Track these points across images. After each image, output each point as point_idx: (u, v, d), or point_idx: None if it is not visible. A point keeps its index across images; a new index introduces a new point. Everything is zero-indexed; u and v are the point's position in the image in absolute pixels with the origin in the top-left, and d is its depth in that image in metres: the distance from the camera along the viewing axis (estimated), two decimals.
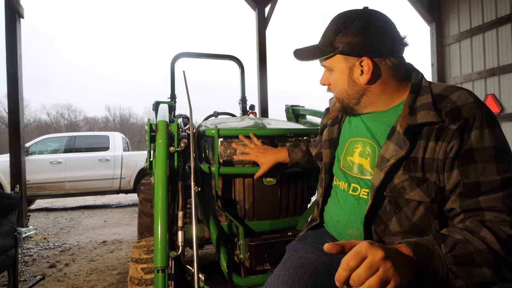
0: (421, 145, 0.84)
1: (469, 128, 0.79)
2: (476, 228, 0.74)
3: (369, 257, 0.63)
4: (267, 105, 5.46)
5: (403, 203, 0.87)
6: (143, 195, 2.97)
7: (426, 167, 0.84)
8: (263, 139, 1.63)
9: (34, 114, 31.58)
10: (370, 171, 0.95)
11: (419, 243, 0.71)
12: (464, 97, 0.83)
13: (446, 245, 0.70)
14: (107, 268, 3.12)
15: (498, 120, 4.88)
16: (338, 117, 1.12)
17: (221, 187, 1.61)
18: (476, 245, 0.71)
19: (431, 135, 0.83)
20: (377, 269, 0.62)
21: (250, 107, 3.27)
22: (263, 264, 1.50)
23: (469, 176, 0.78)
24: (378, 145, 0.94)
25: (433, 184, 0.83)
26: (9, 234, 1.89)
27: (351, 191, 0.99)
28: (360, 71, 0.91)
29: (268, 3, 5.54)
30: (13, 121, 4.37)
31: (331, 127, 1.12)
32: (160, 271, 1.22)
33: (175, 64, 3.11)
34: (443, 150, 0.81)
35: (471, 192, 0.78)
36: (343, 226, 1.00)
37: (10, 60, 4.33)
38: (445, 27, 6.47)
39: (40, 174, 6.10)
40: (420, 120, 0.83)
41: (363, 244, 0.64)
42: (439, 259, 0.69)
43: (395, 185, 0.87)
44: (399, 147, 0.86)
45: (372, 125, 0.98)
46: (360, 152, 0.99)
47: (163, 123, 1.49)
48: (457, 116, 0.81)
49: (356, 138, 1.02)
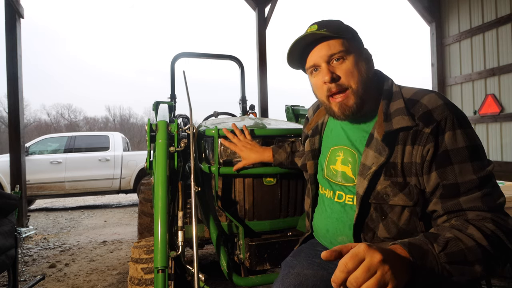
0: (399, 150, 0.86)
1: (442, 130, 0.81)
2: (463, 226, 0.76)
3: (367, 259, 0.62)
4: (267, 105, 5.46)
5: (388, 209, 0.88)
6: (143, 195, 2.97)
7: (406, 171, 0.85)
8: (263, 139, 1.63)
9: (34, 114, 31.58)
10: (353, 178, 0.96)
11: (413, 243, 0.71)
12: (434, 100, 0.85)
13: (439, 244, 0.72)
14: (107, 268, 3.12)
15: (498, 120, 4.85)
16: (318, 127, 1.12)
17: (221, 187, 1.61)
18: (466, 242, 0.72)
19: (407, 139, 0.85)
20: (375, 271, 0.62)
21: (250, 107, 3.27)
22: (263, 264, 1.50)
23: (447, 178, 0.80)
24: (358, 152, 0.95)
25: (414, 188, 0.84)
26: (9, 234, 1.89)
27: (336, 199, 1.00)
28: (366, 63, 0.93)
29: (268, 3, 5.54)
30: (13, 121, 4.37)
31: (312, 138, 1.12)
32: (160, 271, 1.22)
33: (175, 64, 3.11)
34: (420, 153, 0.83)
35: (451, 193, 0.80)
36: (332, 234, 1.00)
37: (10, 60, 4.34)
38: (445, 27, 6.47)
39: (40, 174, 6.10)
40: (396, 126, 0.85)
41: (361, 246, 0.64)
42: (433, 258, 0.70)
43: (378, 191, 0.88)
44: (378, 153, 0.87)
45: (351, 132, 0.99)
46: (342, 160, 0.99)
47: (163, 123, 1.49)
48: (430, 119, 0.83)
49: (337, 146, 1.02)
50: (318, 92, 0.97)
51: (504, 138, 5.45)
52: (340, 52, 0.90)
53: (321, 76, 0.93)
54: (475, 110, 5.85)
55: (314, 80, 0.97)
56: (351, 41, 0.92)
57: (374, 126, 0.91)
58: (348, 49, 0.90)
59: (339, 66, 0.91)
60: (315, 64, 0.94)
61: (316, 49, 0.93)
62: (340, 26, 0.93)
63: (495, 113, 5.51)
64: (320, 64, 0.92)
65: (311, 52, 0.94)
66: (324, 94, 0.94)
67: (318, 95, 0.99)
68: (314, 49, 0.93)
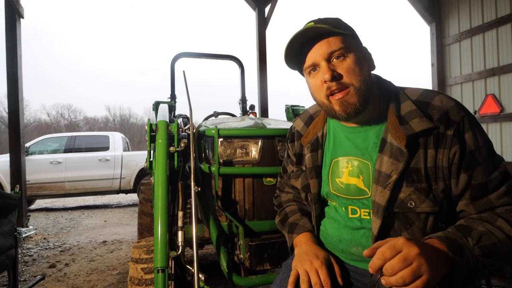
0: (421, 155, 0.82)
1: (462, 132, 0.81)
2: (491, 218, 0.77)
3: (405, 250, 0.66)
4: (267, 105, 5.46)
5: (414, 217, 0.84)
6: (143, 195, 2.97)
7: (431, 176, 0.82)
8: (263, 139, 1.63)
9: (34, 114, 31.63)
10: (366, 190, 0.90)
11: (449, 237, 0.73)
12: (446, 101, 0.84)
13: (473, 238, 0.73)
14: (107, 268, 3.12)
15: (498, 120, 4.85)
16: (318, 140, 1.01)
17: (221, 187, 1.61)
18: (497, 235, 0.74)
19: (429, 143, 0.82)
20: (411, 262, 0.65)
21: (250, 107, 3.27)
22: (263, 264, 1.50)
23: (476, 178, 0.80)
24: (371, 161, 0.89)
25: (439, 193, 0.82)
26: (9, 234, 1.88)
27: (350, 215, 0.94)
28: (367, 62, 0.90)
29: (268, 3, 5.54)
30: (13, 121, 4.37)
31: (314, 153, 1.00)
32: (160, 271, 1.22)
33: (175, 64, 3.11)
34: (446, 157, 0.81)
35: (482, 192, 0.80)
36: (346, 245, 0.94)
37: (10, 60, 4.33)
38: (445, 27, 6.47)
39: (40, 174, 6.10)
40: (418, 128, 0.81)
41: (400, 239, 0.67)
42: (468, 251, 0.72)
43: (402, 200, 0.83)
44: (395, 159, 0.83)
45: (359, 140, 0.92)
46: (350, 171, 0.92)
47: (163, 123, 1.49)
48: (448, 121, 0.81)
49: (342, 158, 0.95)
50: (317, 93, 0.89)
51: (504, 138, 5.45)
52: (341, 49, 0.84)
53: (320, 75, 0.86)
54: (475, 110, 5.85)
55: (312, 81, 0.89)
56: (351, 39, 0.87)
57: (385, 130, 0.87)
58: (349, 46, 0.85)
59: (340, 64, 0.85)
60: (314, 62, 0.87)
61: (315, 46, 0.86)
62: (340, 22, 0.88)
63: (495, 113, 5.51)
64: (320, 63, 0.86)
65: (310, 50, 0.87)
66: (323, 94, 0.87)
67: (317, 97, 0.91)
68: (313, 47, 0.86)
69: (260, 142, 1.62)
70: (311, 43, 0.87)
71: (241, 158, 1.62)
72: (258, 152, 1.62)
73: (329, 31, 0.85)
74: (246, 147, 1.62)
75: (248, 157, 1.62)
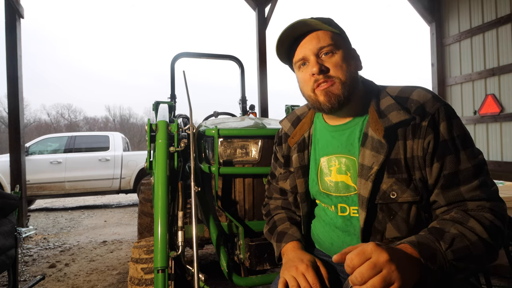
0: (400, 146, 0.85)
1: (437, 122, 0.83)
2: (463, 219, 0.77)
3: (374, 257, 0.64)
4: (267, 105, 5.46)
5: (397, 207, 0.85)
6: (143, 195, 2.97)
7: (410, 166, 0.84)
8: (263, 139, 1.63)
9: (34, 114, 31.56)
10: (354, 186, 0.91)
11: (422, 242, 0.72)
12: (423, 94, 0.87)
13: (445, 241, 0.72)
14: (107, 268, 3.12)
15: (498, 120, 4.86)
16: (305, 140, 1.04)
17: (221, 187, 1.61)
18: (469, 238, 0.73)
19: (407, 134, 0.85)
20: (380, 269, 0.63)
21: (250, 107, 3.27)
22: (263, 264, 1.50)
23: (447, 167, 0.81)
24: (356, 156, 0.91)
25: (418, 182, 0.84)
26: (9, 234, 1.88)
27: (340, 213, 0.95)
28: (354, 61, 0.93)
29: (268, 3, 5.54)
30: (13, 121, 4.37)
31: (301, 153, 1.03)
32: (160, 271, 1.22)
33: (175, 64, 3.11)
34: (421, 146, 0.83)
35: (452, 183, 0.81)
36: (338, 248, 0.95)
37: (10, 60, 4.33)
38: (445, 27, 6.47)
39: (40, 174, 6.10)
40: (395, 120, 0.84)
41: (369, 245, 0.66)
42: (441, 256, 0.71)
43: (385, 191, 0.85)
44: (376, 151, 0.85)
45: (344, 138, 0.94)
46: (337, 169, 0.95)
47: (163, 123, 1.49)
48: (424, 112, 0.84)
49: (329, 156, 0.97)
50: (305, 87, 0.93)
51: (504, 138, 5.44)
52: (330, 46, 0.88)
53: (309, 69, 0.89)
54: (475, 110, 5.85)
55: (301, 75, 0.93)
56: (340, 37, 0.92)
57: (366, 125, 0.90)
58: (337, 44, 0.89)
59: (328, 59, 0.88)
60: (304, 57, 0.91)
61: (305, 41, 0.90)
62: (331, 21, 0.92)
63: (495, 113, 5.51)
64: (309, 57, 0.90)
65: (300, 44, 0.91)
66: (310, 87, 0.90)
67: (304, 90, 0.94)
68: (303, 41, 0.91)
69: (260, 142, 1.62)
70: (301, 38, 0.92)
71: (241, 158, 1.62)
72: (258, 152, 1.62)
73: (318, 27, 0.89)
74: (246, 147, 1.63)
75: (248, 157, 1.62)
